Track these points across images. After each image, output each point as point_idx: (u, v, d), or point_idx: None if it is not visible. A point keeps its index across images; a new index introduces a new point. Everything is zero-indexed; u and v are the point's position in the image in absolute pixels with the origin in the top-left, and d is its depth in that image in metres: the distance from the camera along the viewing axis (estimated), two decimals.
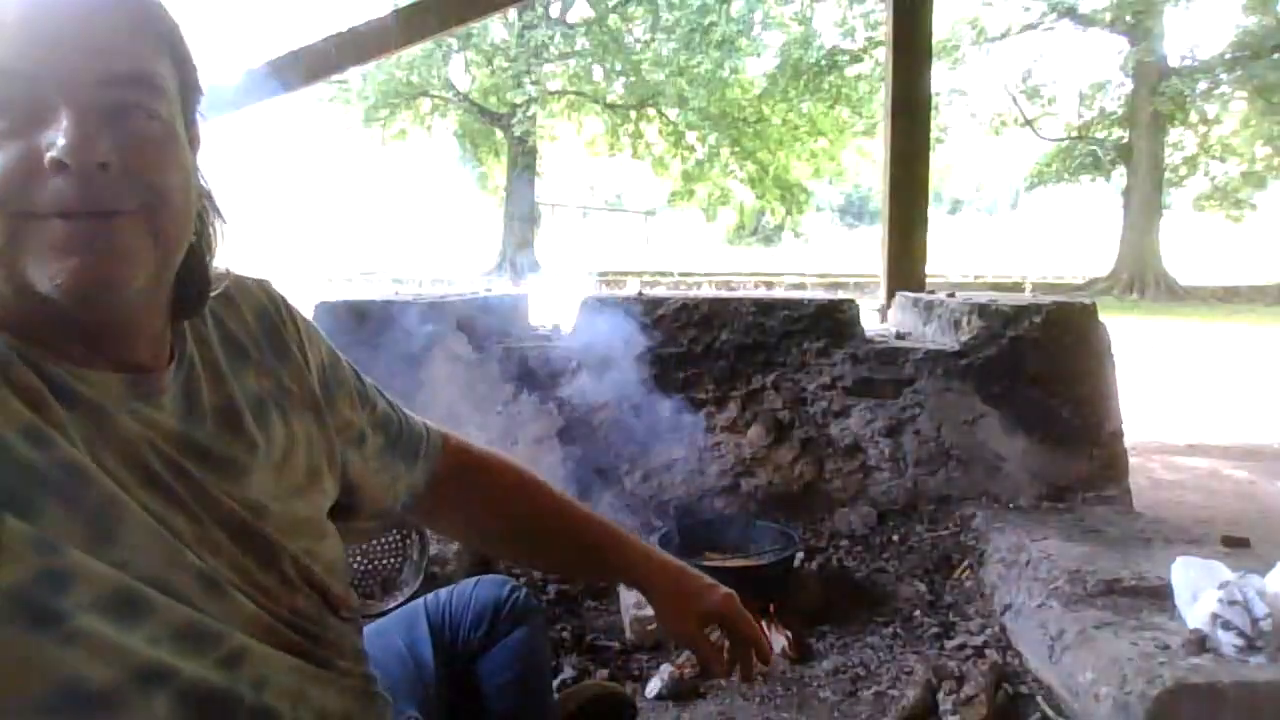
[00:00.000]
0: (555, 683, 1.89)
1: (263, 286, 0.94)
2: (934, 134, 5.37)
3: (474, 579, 1.24)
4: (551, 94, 18.89)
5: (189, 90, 0.76)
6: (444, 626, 1.17)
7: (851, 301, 3.07)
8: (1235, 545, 2.47)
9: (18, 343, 0.67)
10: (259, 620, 0.75)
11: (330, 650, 0.82)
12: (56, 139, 0.64)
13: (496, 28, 18.12)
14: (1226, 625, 1.74)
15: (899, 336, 3.24)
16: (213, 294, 0.82)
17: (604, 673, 2.14)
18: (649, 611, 2.42)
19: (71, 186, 0.64)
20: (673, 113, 18.92)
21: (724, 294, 4.07)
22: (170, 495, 0.71)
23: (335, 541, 0.90)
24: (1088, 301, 3.00)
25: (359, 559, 2.34)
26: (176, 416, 0.76)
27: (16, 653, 0.60)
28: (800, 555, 2.58)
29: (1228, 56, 16.94)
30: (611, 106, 19.37)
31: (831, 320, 2.96)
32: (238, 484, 0.78)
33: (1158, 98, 17.10)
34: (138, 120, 0.69)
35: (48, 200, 0.65)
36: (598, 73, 19.34)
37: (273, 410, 0.86)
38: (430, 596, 1.22)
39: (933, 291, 3.68)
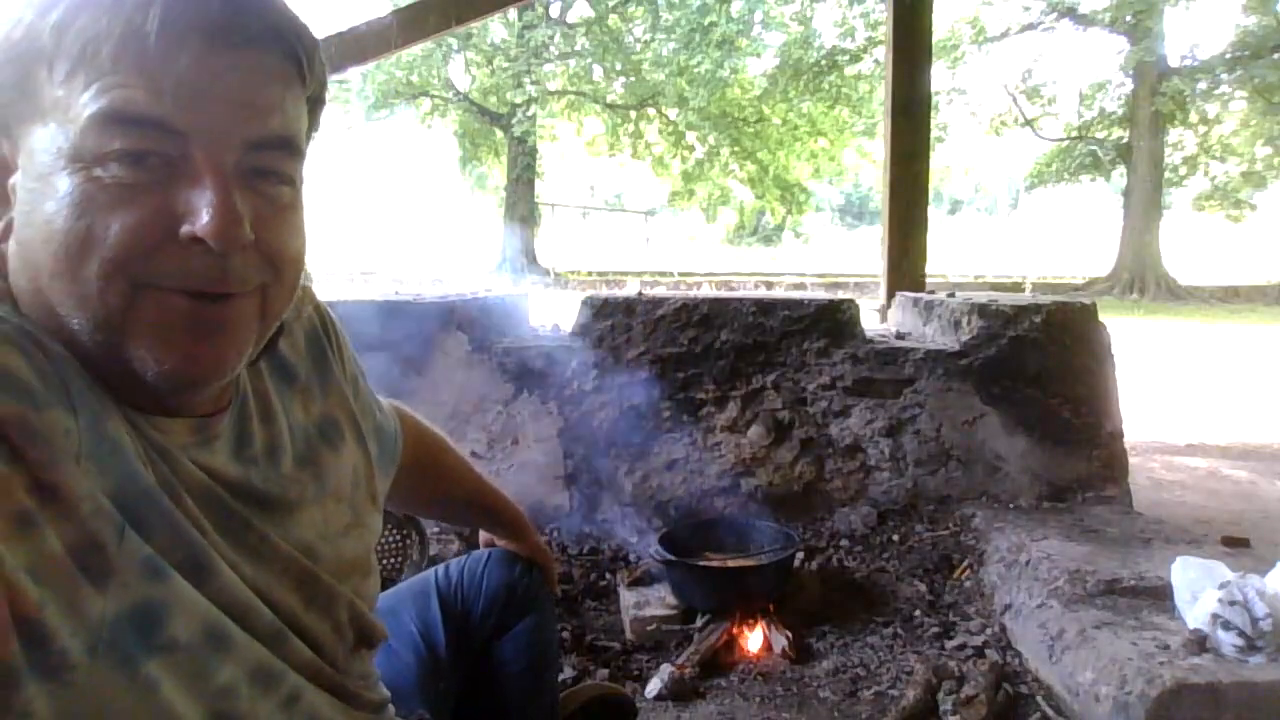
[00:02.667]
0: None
1: (313, 302, 0.89)
2: (934, 134, 5.36)
3: (483, 554, 1.23)
4: (551, 94, 18.88)
5: (314, 129, 0.71)
6: (456, 606, 1.17)
7: (851, 301, 3.07)
8: (1235, 545, 2.47)
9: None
10: (311, 665, 0.74)
11: (358, 685, 0.82)
12: (199, 209, 0.59)
13: (496, 28, 18.12)
14: (1226, 625, 1.74)
15: (899, 336, 3.24)
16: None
17: (604, 673, 2.15)
18: (649, 611, 2.44)
19: (207, 266, 0.60)
20: (673, 113, 18.91)
21: (724, 294, 4.07)
22: (238, 546, 0.69)
23: (378, 576, 0.88)
24: (1088, 301, 3.00)
25: None
26: (230, 459, 0.72)
27: (102, 695, 0.56)
28: (800, 555, 2.58)
29: (1228, 56, 16.92)
30: (611, 106, 19.37)
31: (831, 320, 2.96)
32: (290, 526, 0.75)
33: (1158, 98, 17.08)
34: (272, 185, 0.64)
35: (176, 275, 0.60)
36: (598, 73, 19.33)
37: (320, 443, 0.83)
38: (440, 571, 1.21)
39: (933, 291, 3.68)
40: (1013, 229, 32.30)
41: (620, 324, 2.92)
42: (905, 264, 3.93)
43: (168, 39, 0.57)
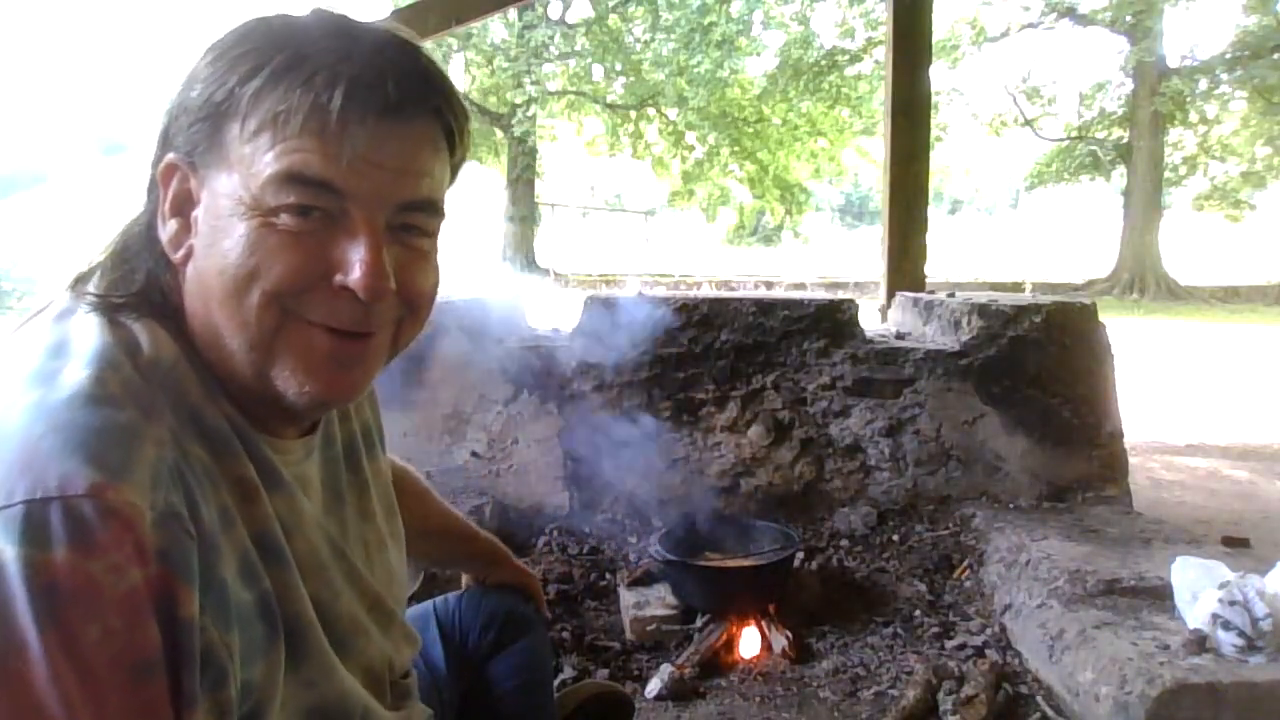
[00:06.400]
0: (555, 682, 1.89)
1: None
2: (934, 134, 5.35)
3: (479, 588, 1.31)
4: (551, 94, 18.86)
5: (452, 184, 0.79)
6: (455, 630, 1.23)
7: (851, 301, 3.07)
8: (1235, 545, 2.48)
9: (237, 414, 0.71)
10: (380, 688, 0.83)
11: (400, 693, 0.90)
12: (352, 263, 0.67)
13: (496, 28, 18.10)
14: (1226, 625, 1.75)
15: (899, 336, 3.23)
16: None
17: (604, 673, 2.15)
18: (649, 611, 2.43)
19: (352, 311, 0.69)
20: (673, 113, 18.89)
21: (724, 294, 4.07)
22: (342, 572, 0.78)
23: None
24: (1087, 301, 3.00)
25: None
26: (320, 462, 0.82)
27: None
28: (800, 555, 2.58)
29: (1228, 56, 16.91)
30: (611, 106, 19.35)
31: (831, 320, 2.96)
32: (353, 542, 0.84)
33: (1158, 98, 17.07)
34: (415, 237, 0.73)
35: (322, 314, 0.69)
36: (598, 73, 19.30)
37: (368, 449, 0.91)
38: (439, 601, 1.28)
39: (933, 291, 3.68)
40: (1013, 229, 32.28)
41: (620, 324, 2.92)
42: (905, 264, 3.93)
43: (347, 115, 0.65)
